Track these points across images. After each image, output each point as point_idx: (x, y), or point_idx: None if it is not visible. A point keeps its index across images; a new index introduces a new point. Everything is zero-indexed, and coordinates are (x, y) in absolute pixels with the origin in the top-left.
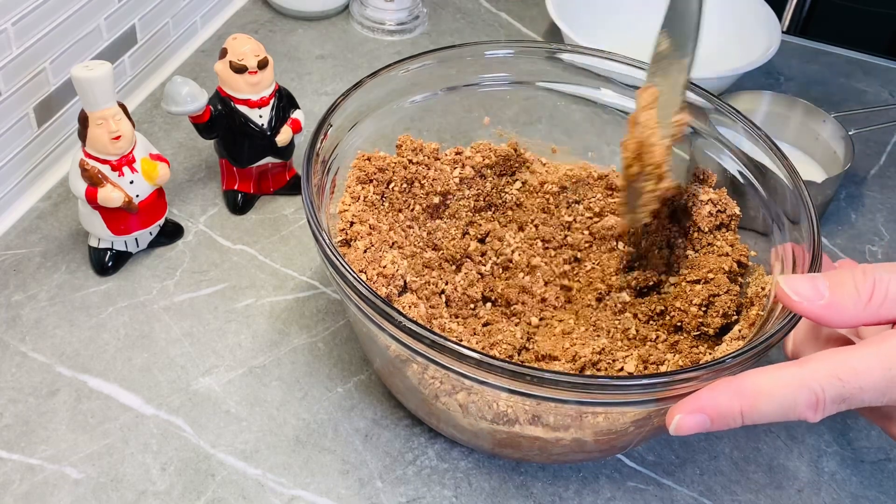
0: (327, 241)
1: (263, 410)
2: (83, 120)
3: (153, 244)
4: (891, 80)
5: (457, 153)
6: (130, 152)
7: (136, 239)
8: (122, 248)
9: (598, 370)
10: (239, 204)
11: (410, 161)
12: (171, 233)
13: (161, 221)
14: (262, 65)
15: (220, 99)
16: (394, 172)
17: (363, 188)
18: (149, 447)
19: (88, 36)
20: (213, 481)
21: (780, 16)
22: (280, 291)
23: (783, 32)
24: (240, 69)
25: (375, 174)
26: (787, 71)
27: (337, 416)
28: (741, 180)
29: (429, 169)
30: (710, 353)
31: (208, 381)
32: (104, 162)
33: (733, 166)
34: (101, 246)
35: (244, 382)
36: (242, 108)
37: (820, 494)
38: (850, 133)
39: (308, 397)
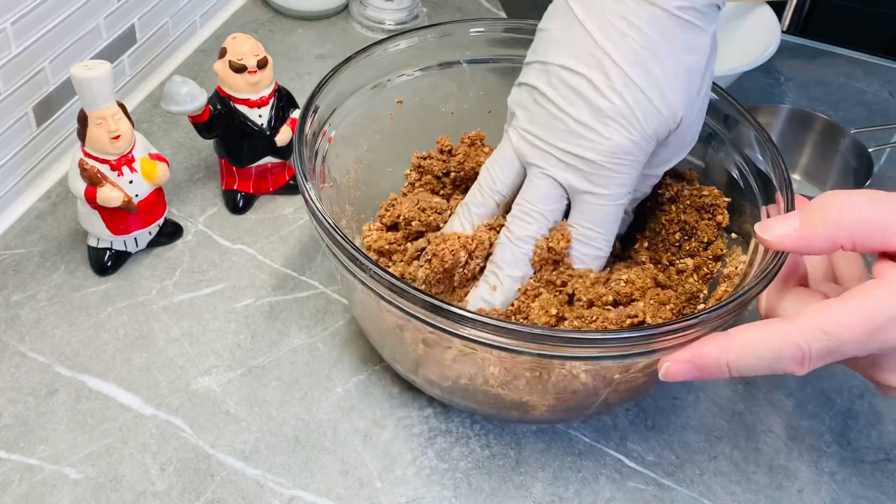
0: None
1: (263, 410)
2: (82, 119)
3: (152, 244)
4: (891, 80)
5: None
6: (130, 152)
7: (135, 239)
8: (122, 248)
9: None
10: (238, 204)
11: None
12: (171, 233)
13: (160, 221)
14: (262, 64)
15: (220, 98)
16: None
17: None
18: (148, 447)
19: (88, 35)
20: (212, 481)
21: (780, 16)
22: (280, 291)
23: (783, 32)
24: (239, 69)
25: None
26: (786, 71)
27: (336, 416)
28: (741, 184)
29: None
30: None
31: (207, 381)
32: (103, 161)
33: (739, 170)
34: (101, 246)
35: (243, 382)
36: (242, 108)
37: (820, 494)
38: (870, 150)
39: (307, 397)
